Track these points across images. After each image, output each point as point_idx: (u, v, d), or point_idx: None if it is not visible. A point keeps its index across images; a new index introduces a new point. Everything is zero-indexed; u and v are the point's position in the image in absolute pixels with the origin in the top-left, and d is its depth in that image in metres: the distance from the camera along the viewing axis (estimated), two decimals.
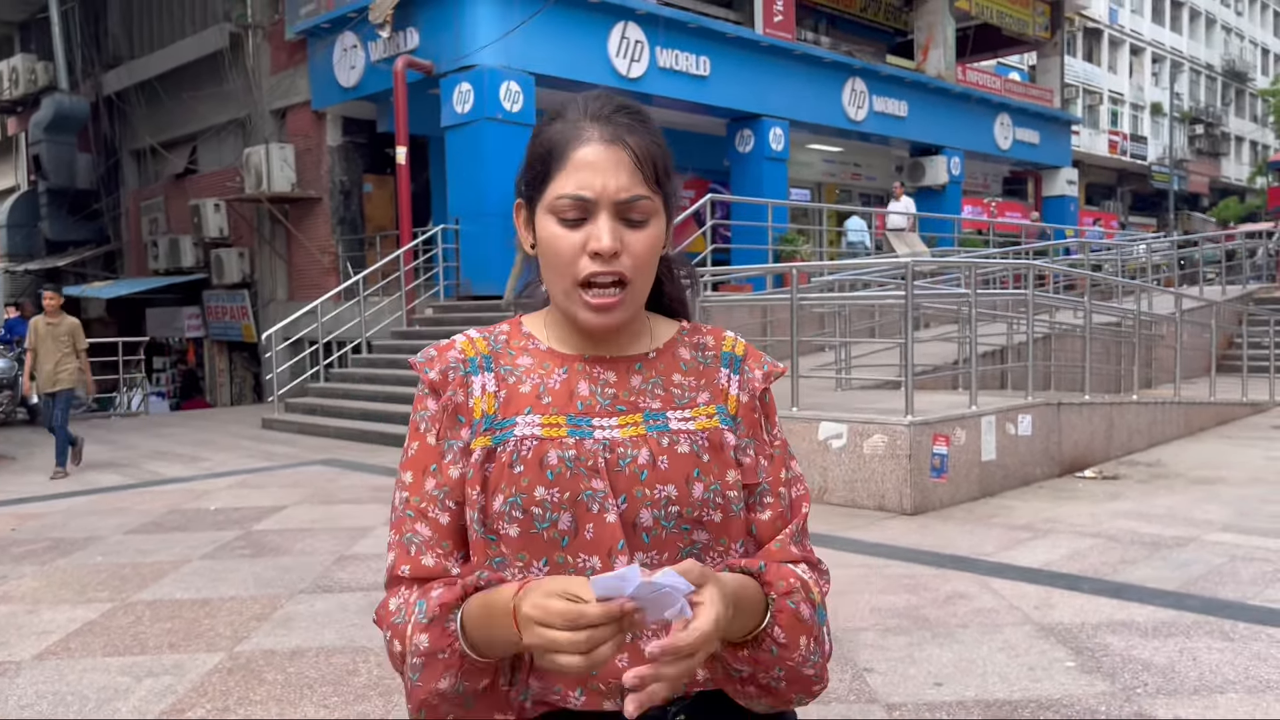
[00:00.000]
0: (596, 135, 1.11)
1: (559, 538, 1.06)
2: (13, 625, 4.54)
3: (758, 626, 1.04)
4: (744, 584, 1.03)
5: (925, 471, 6.56)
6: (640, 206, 1.10)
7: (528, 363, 1.16)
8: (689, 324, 1.25)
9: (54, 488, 8.25)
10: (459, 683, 1.02)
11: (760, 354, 1.25)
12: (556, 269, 1.11)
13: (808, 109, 15.87)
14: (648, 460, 1.09)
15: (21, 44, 21.17)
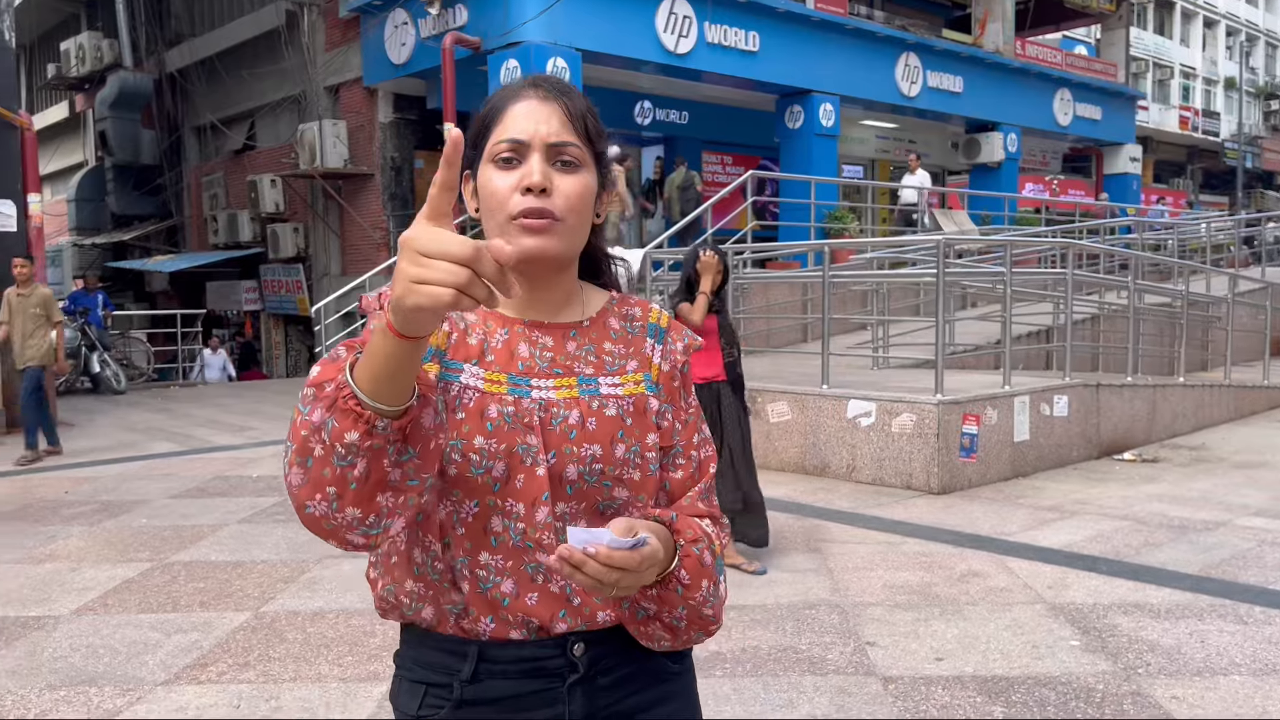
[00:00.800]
0: (532, 93, 1.21)
1: (491, 483, 1.14)
2: (56, 582, 4.77)
3: (666, 569, 1.15)
4: (659, 531, 1.15)
5: (954, 451, 6.53)
6: (571, 151, 1.18)
7: (472, 319, 1.22)
8: (618, 294, 1.34)
9: (112, 453, 8.57)
10: (329, 417, 0.96)
11: (682, 328, 1.35)
12: (491, 210, 1.19)
13: (859, 84, 15.65)
14: (578, 421, 1.18)
15: (88, 22, 21.71)
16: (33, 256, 8.64)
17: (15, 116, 9.98)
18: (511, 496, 1.15)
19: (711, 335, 4.95)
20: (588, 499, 1.18)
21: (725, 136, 17.27)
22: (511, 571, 1.16)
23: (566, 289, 1.27)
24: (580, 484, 1.17)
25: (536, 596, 1.17)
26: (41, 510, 6.37)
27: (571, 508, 1.17)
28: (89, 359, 13.52)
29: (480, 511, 1.15)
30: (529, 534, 1.15)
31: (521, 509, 1.15)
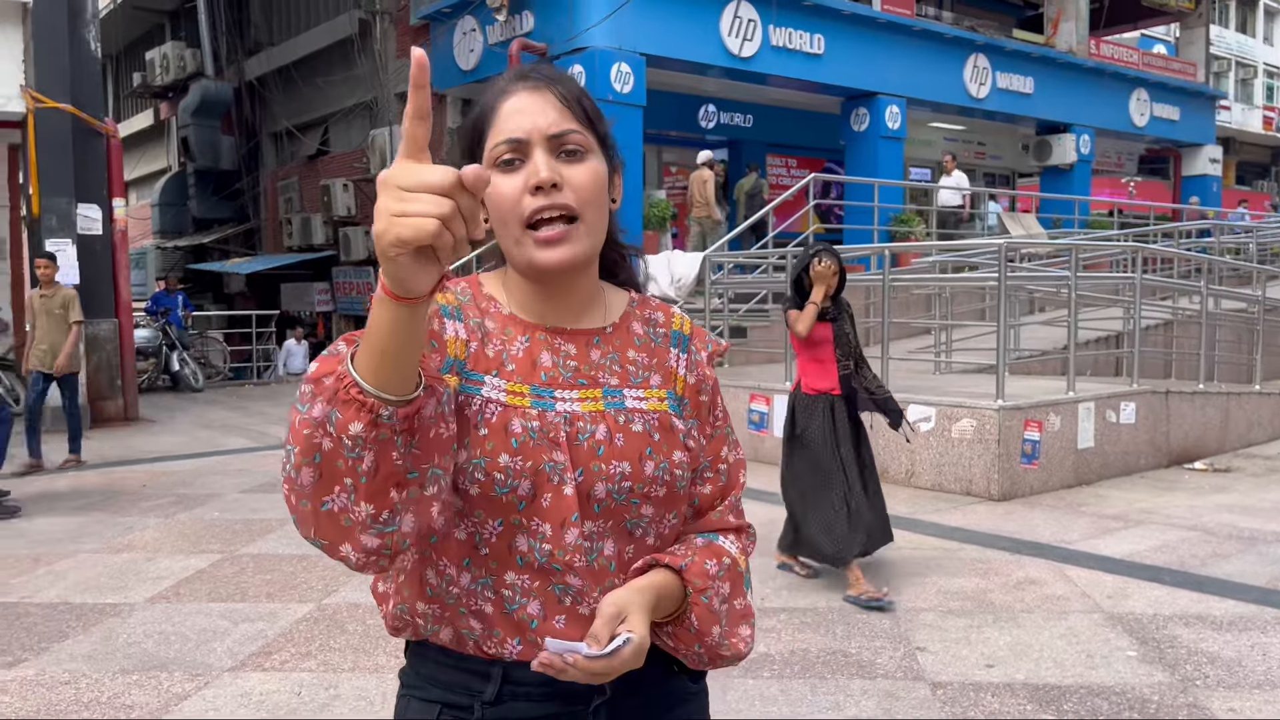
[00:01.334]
0: (521, 87, 1.15)
1: (517, 502, 1.09)
2: (132, 571, 4.98)
3: (678, 610, 1.15)
4: (665, 584, 1.14)
5: (1015, 457, 6.44)
6: (573, 138, 1.12)
7: (491, 326, 1.17)
8: (637, 295, 1.29)
9: (188, 448, 8.87)
10: (332, 409, 0.91)
11: (704, 332, 1.30)
12: (502, 218, 1.12)
13: (926, 86, 15.49)
14: (605, 436, 1.14)
15: (172, 32, 22.45)
16: (54, 255, 8.27)
17: (101, 124, 10.39)
18: (538, 516, 1.10)
19: (824, 345, 4.74)
20: (615, 517, 1.14)
21: (789, 139, 17.22)
22: (539, 592, 1.11)
23: (587, 292, 1.21)
24: (609, 502, 1.13)
25: (564, 619, 1.11)
26: (122, 502, 6.64)
27: (599, 526, 1.13)
28: (169, 358, 14.00)
29: (504, 530, 1.10)
30: (556, 555, 1.10)
31: (549, 529, 1.10)
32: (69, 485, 7.29)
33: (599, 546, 1.13)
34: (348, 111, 17.20)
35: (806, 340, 4.74)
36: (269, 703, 3.39)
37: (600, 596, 1.11)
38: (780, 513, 4.92)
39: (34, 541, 5.60)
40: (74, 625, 4.17)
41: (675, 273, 8.94)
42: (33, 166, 9.88)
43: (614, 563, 1.14)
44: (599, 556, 1.13)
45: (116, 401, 10.52)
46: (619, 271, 1.30)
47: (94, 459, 8.40)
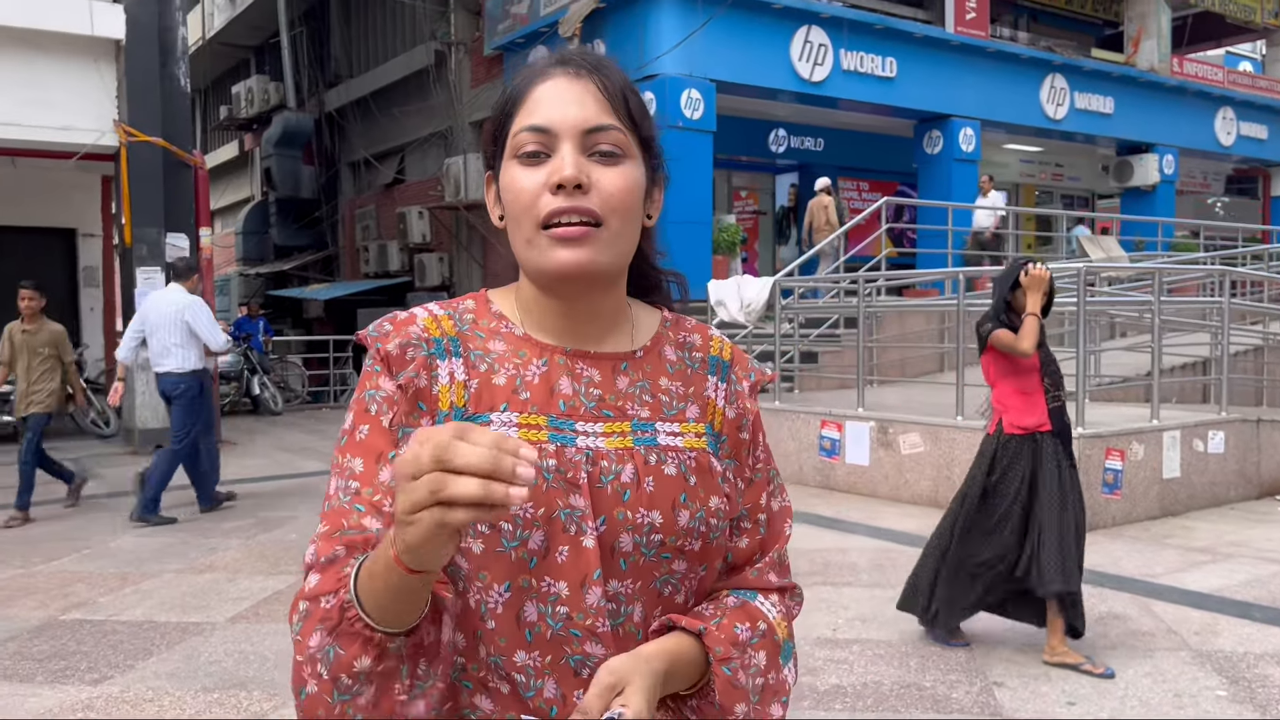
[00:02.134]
0: (559, 71, 0.99)
1: (528, 558, 0.94)
2: (214, 590, 5.11)
3: (702, 679, 0.99)
4: (681, 652, 0.98)
5: (1096, 487, 6.26)
6: (610, 136, 0.97)
7: (500, 349, 1.02)
8: (670, 314, 1.14)
9: (268, 471, 9.10)
10: (330, 644, 0.83)
11: (746, 358, 1.15)
12: (516, 216, 0.98)
13: (1002, 108, 15.28)
14: (632, 479, 0.98)
15: (256, 67, 23.23)
16: (43, 286, 7.48)
17: (190, 156, 10.78)
18: (551, 574, 0.94)
19: (1032, 374, 4.04)
20: (644, 577, 0.98)
21: (861, 162, 17.11)
22: (552, 669, 0.95)
23: (613, 310, 1.05)
24: (636, 558, 0.97)
25: (584, 693, 0.94)
26: (205, 523, 6.82)
27: (626, 587, 0.97)
28: (250, 382, 14.39)
29: (512, 598, 0.94)
30: (574, 619, 0.94)
31: (564, 589, 0.94)
32: None
33: (626, 611, 0.97)
34: (423, 141, 17.58)
35: (1012, 367, 4.06)
36: None
37: None
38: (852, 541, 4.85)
39: (122, 561, 5.78)
40: (158, 643, 4.29)
41: (745, 297, 8.91)
42: (125, 198, 10.29)
43: (641, 630, 0.99)
44: (626, 622, 0.97)
45: None
46: (650, 290, 1.14)
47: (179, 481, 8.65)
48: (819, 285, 10.41)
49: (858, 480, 7.48)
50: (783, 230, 17.60)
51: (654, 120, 1.05)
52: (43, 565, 5.70)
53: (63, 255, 14.00)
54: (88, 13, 9.94)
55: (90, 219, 13.78)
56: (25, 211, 13.30)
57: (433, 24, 16.65)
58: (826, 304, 10.38)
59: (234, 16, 22.65)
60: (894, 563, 5.49)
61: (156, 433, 10.29)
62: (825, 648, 4.12)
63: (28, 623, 4.60)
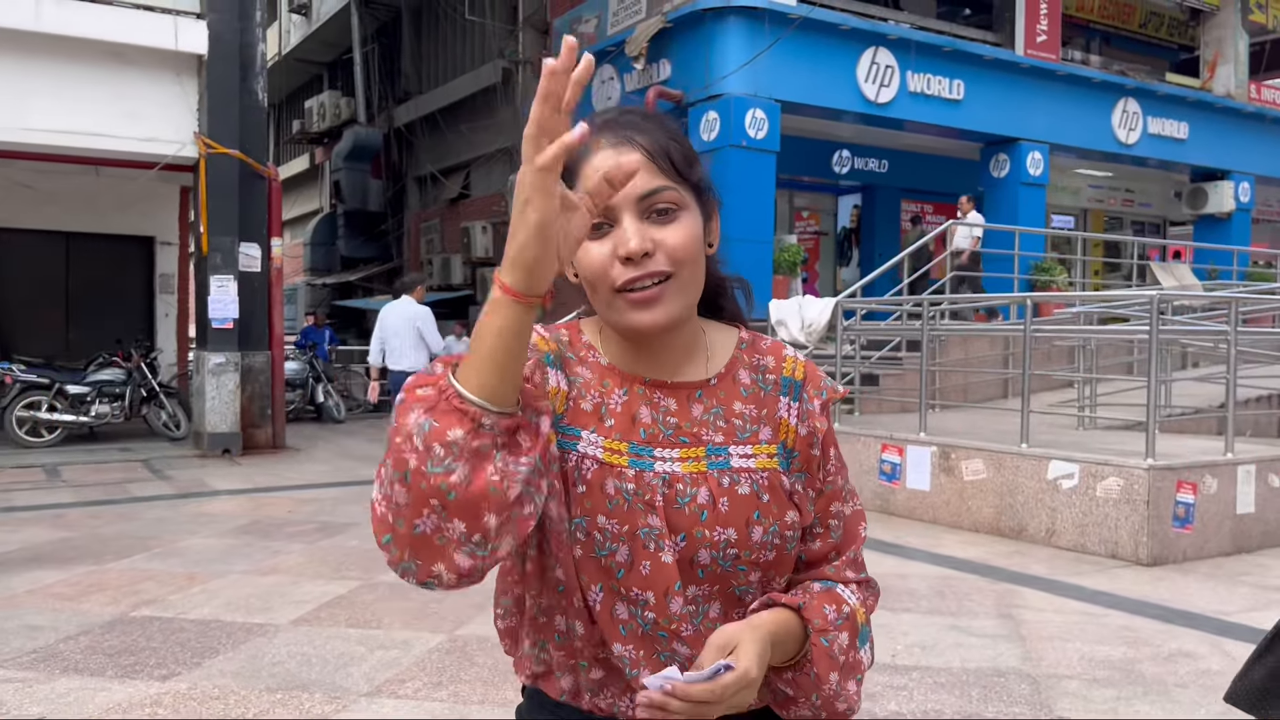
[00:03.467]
0: (604, 142, 1.08)
1: (615, 568, 1.06)
2: (278, 593, 5.21)
3: (799, 652, 1.09)
4: (783, 623, 1.08)
5: (1166, 520, 6.11)
6: (664, 196, 1.06)
7: (587, 375, 1.13)
8: (747, 334, 1.22)
9: (330, 477, 9.25)
10: (427, 418, 0.88)
11: (819, 375, 1.21)
12: (593, 284, 1.08)
13: (1071, 132, 15.04)
14: (707, 500, 1.08)
15: (329, 82, 23.79)
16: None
17: (265, 168, 11.06)
18: (637, 585, 1.06)
19: None
20: (722, 583, 1.09)
21: (925, 185, 16.95)
22: (647, 661, 1.07)
23: (688, 341, 1.15)
24: (713, 568, 1.08)
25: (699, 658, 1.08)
26: (269, 526, 6.96)
27: (704, 591, 1.09)
28: (315, 389, 14.67)
29: (605, 598, 1.06)
30: (661, 623, 1.06)
31: (651, 598, 1.06)
32: (221, 510, 7.69)
33: (704, 609, 1.10)
34: (489, 157, 17.83)
35: None
36: None
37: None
38: (912, 567, 4.79)
39: (190, 561, 5.93)
40: (224, 642, 4.39)
41: (806, 318, 8.88)
42: (203, 208, 10.58)
43: (718, 625, 1.10)
44: (704, 620, 1.09)
45: (266, 430, 11.07)
46: (723, 304, 1.23)
47: (245, 485, 8.85)
48: (882, 307, 10.33)
49: (918, 505, 7.39)
50: (844, 251, 17.49)
51: (698, 160, 1.13)
52: (114, 563, 5.86)
53: (141, 262, 14.44)
54: (172, 28, 10.28)
55: (168, 228, 14.21)
56: (107, 219, 13.76)
57: (501, 42, 16.92)
58: (889, 327, 10.29)
59: (309, 33, 23.25)
60: (955, 590, 5.41)
61: (224, 436, 10.55)
62: (884, 673, 4.07)
63: (100, 618, 4.74)
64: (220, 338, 10.58)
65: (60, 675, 3.97)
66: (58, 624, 4.64)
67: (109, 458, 10.48)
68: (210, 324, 10.56)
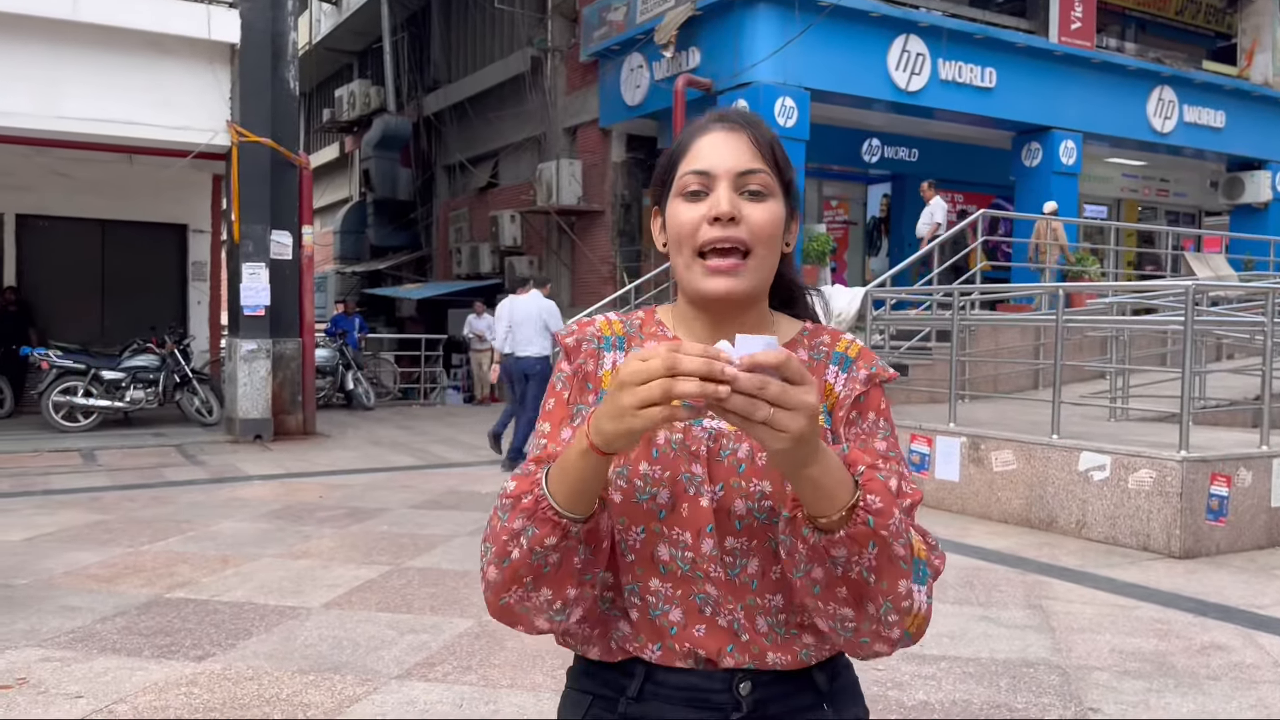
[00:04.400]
0: (718, 126, 1.21)
1: (657, 510, 1.15)
2: (309, 577, 5.27)
3: (852, 496, 1.01)
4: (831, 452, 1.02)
5: (1200, 513, 6.05)
6: (759, 178, 1.17)
7: (653, 345, 1.16)
8: (811, 326, 1.30)
9: (360, 464, 9.33)
10: (529, 525, 1.07)
11: (873, 356, 1.25)
12: (679, 243, 1.18)
13: (1105, 120, 14.85)
14: (747, 455, 1.15)
15: (359, 71, 23.90)
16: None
17: (296, 157, 11.14)
18: (678, 525, 1.14)
19: None
20: (759, 536, 1.14)
21: (956, 174, 16.79)
22: (680, 600, 1.16)
23: (756, 321, 1.23)
24: (749, 520, 1.14)
25: (704, 629, 1.16)
26: (300, 511, 7.04)
27: (742, 544, 1.15)
28: (344, 376, 14.79)
29: (647, 538, 1.16)
30: (697, 563, 1.14)
31: (689, 538, 1.14)
32: (253, 495, 7.78)
33: (742, 563, 1.15)
34: (518, 146, 17.85)
35: None
36: (433, 712, 3.52)
37: (741, 611, 1.15)
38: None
39: (223, 544, 6.01)
40: (257, 625, 4.45)
41: (835, 308, 8.84)
42: (235, 196, 10.68)
43: (756, 580, 1.15)
44: (741, 573, 1.15)
45: (297, 416, 11.18)
46: (795, 305, 1.32)
47: (277, 470, 8.94)
48: (911, 297, 10.27)
49: (946, 496, 7.35)
50: (874, 241, 17.38)
51: (792, 167, 1.24)
52: (149, 545, 5.96)
53: (174, 249, 14.61)
54: (205, 18, 10.36)
55: (200, 215, 14.35)
56: (140, 207, 13.92)
57: (530, 30, 16.91)
58: (919, 316, 10.23)
59: (340, 22, 23.35)
60: (983, 580, 5.38)
61: (256, 422, 10.66)
62: (913, 663, 4.07)
63: (136, 599, 4.81)
64: (252, 325, 10.69)
65: (98, 655, 4.04)
66: (95, 605, 4.72)
67: (143, 442, 10.63)
68: (242, 311, 10.67)
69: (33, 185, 13.12)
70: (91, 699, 3.58)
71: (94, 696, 3.60)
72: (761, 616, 1.16)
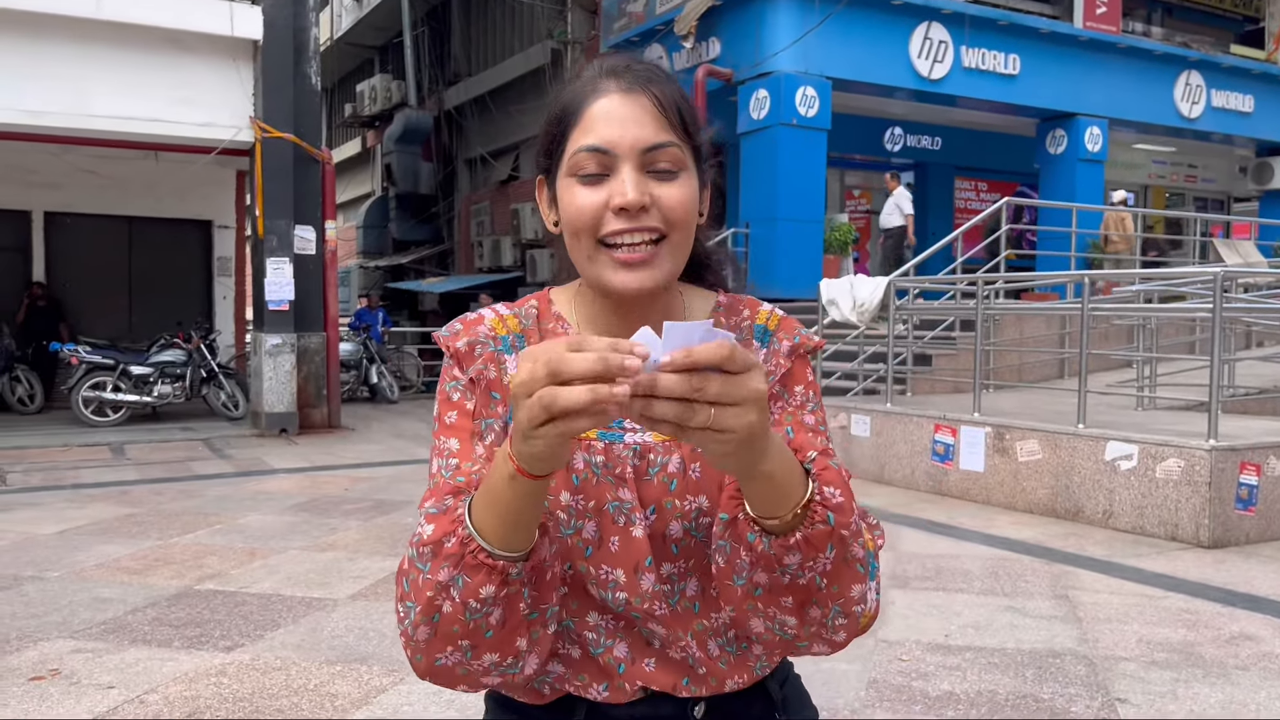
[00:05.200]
0: (614, 86, 1.00)
1: (583, 546, 1.00)
2: (335, 569, 5.31)
3: (805, 492, 0.89)
4: (780, 439, 0.89)
5: (1229, 502, 5.98)
6: (668, 153, 0.99)
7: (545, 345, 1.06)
8: (725, 298, 1.14)
9: (385, 456, 9.40)
10: (457, 575, 0.88)
11: (794, 324, 1.13)
12: (577, 232, 0.99)
13: (1132, 106, 14.70)
14: (678, 469, 1.01)
15: (380, 66, 23.98)
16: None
17: (319, 152, 11.21)
18: (606, 562, 1.00)
19: None
20: (696, 555, 1.02)
21: (979, 162, 16.68)
22: (624, 633, 1.03)
23: (665, 305, 1.07)
24: (687, 541, 1.01)
25: (654, 663, 1.03)
26: (326, 504, 7.10)
27: (679, 567, 1.02)
28: (368, 370, 14.88)
29: (573, 577, 1.01)
30: (633, 603, 1.00)
31: (621, 576, 1.00)
32: (279, 488, 7.85)
33: (680, 588, 1.03)
34: (539, 138, 17.86)
35: None
36: (458, 701, 3.55)
37: (692, 640, 1.03)
38: (965, 548, 4.75)
39: (250, 536, 6.07)
40: (285, 616, 4.49)
41: (858, 297, 8.81)
42: (259, 191, 10.76)
43: (698, 603, 1.04)
44: (681, 598, 1.03)
45: (322, 410, 11.27)
46: (705, 273, 1.16)
47: (302, 463, 9.02)
48: (936, 287, 10.21)
49: (971, 486, 7.32)
50: None
51: (703, 123, 1.06)
52: (178, 538, 6.02)
53: (199, 245, 14.74)
54: (228, 15, 10.43)
55: (225, 211, 14.48)
56: (165, 204, 14.05)
57: (550, 23, 16.92)
58: (943, 306, 10.17)
59: (360, 18, 23.43)
60: (1009, 571, 5.36)
61: (281, 416, 10.76)
62: (937, 653, 4.06)
63: (165, 591, 4.87)
64: (277, 319, 10.77)
65: (129, 646, 4.10)
66: (125, 596, 4.79)
67: (171, 437, 10.74)
68: (267, 306, 10.75)
69: (60, 183, 13.27)
70: (123, 689, 3.63)
71: (125, 687, 3.66)
72: (712, 639, 1.05)
